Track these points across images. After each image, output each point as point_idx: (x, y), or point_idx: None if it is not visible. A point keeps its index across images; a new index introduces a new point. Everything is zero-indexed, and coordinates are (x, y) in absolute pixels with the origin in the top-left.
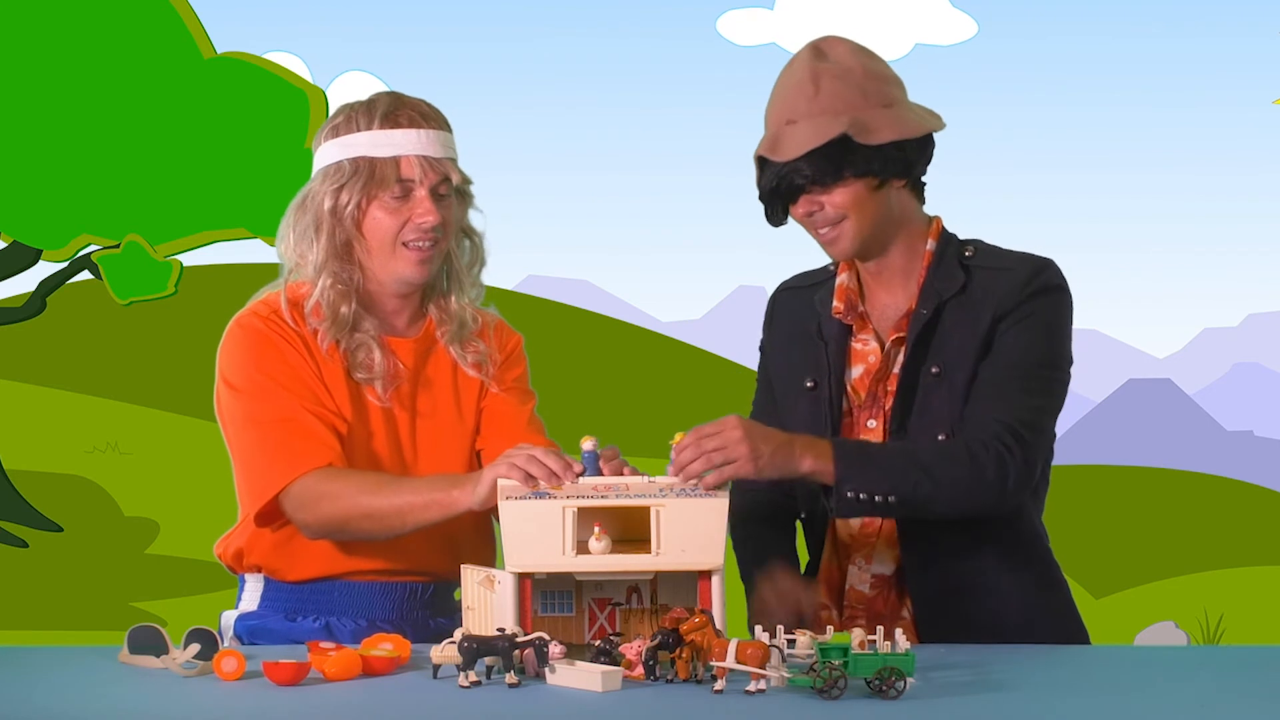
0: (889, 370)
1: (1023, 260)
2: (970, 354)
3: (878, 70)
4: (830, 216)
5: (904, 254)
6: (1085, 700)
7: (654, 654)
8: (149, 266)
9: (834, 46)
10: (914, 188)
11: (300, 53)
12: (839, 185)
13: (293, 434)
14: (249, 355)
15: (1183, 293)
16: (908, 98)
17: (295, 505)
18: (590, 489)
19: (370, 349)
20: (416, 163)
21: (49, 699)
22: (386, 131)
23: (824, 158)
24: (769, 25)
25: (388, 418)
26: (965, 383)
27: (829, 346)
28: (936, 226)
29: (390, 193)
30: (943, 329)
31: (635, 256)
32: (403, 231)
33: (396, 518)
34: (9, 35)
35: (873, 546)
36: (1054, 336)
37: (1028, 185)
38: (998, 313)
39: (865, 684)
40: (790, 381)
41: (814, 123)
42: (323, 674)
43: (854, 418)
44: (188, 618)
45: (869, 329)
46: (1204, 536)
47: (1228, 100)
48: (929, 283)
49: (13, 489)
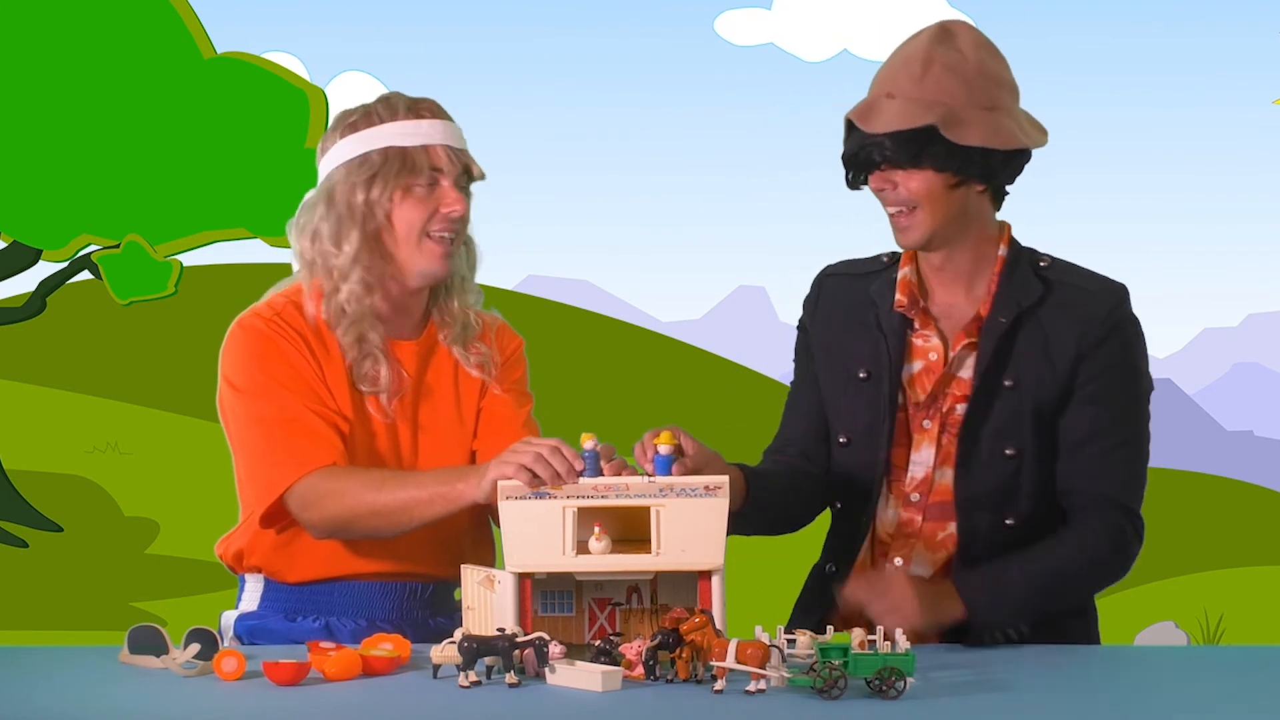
0: (953, 374)
1: (1102, 283)
2: (1046, 374)
3: (992, 70)
4: (901, 198)
5: (971, 256)
6: (1085, 700)
7: (654, 654)
8: (149, 266)
9: (960, 34)
10: (994, 195)
11: (298, 53)
12: (915, 171)
13: (296, 434)
14: (251, 355)
15: (1183, 293)
16: (1017, 105)
17: (300, 505)
18: (590, 489)
19: (377, 360)
20: (443, 153)
21: (49, 699)
22: (413, 122)
23: (907, 140)
24: (767, 25)
25: (388, 422)
26: (1035, 399)
27: (889, 340)
28: (1007, 233)
29: (420, 182)
30: (1017, 341)
31: (635, 256)
32: (430, 222)
33: (403, 513)
34: (9, 35)
35: (912, 548)
36: (1142, 381)
37: (1026, 185)
38: (1082, 346)
39: (865, 684)
40: (840, 368)
41: (909, 104)
42: (323, 674)
43: (909, 414)
44: (188, 618)
45: (931, 326)
46: (1204, 536)
47: (1228, 100)
48: (1004, 290)
49: (13, 489)
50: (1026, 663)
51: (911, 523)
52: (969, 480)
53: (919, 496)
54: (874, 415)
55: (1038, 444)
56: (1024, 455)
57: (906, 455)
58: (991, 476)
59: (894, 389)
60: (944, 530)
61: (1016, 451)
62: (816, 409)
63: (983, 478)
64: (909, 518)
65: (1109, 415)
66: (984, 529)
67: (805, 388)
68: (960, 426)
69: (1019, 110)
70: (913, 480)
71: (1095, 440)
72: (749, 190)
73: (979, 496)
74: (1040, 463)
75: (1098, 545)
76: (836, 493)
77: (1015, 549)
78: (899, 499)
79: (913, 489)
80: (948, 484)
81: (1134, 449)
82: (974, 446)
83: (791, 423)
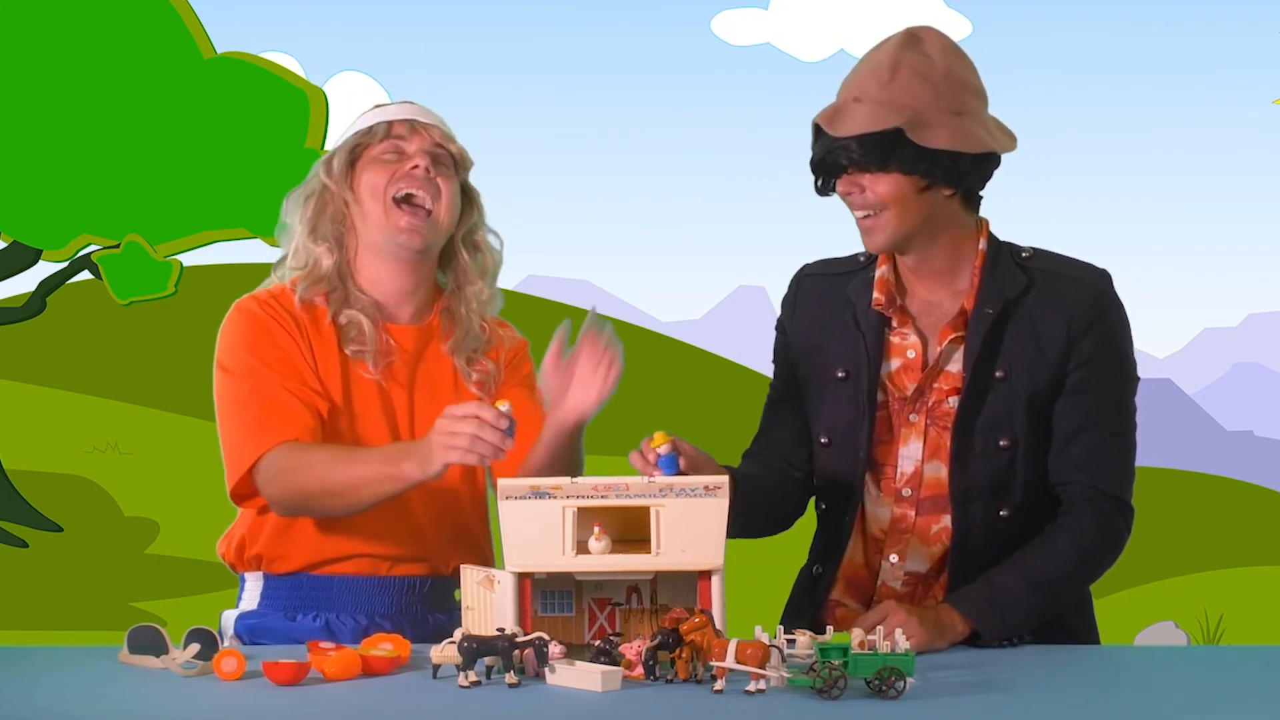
0: (940, 368)
1: (1085, 269)
2: (1037, 362)
3: (960, 75)
4: (869, 202)
5: (947, 255)
6: (1085, 700)
7: (654, 654)
8: (149, 266)
9: (928, 39)
10: (965, 199)
11: (295, 53)
12: (882, 174)
13: (265, 409)
14: (240, 337)
15: (1183, 293)
16: (985, 110)
17: (263, 480)
18: (590, 489)
19: (361, 324)
20: (406, 123)
21: (49, 699)
22: (377, 110)
23: (874, 144)
24: (763, 25)
25: (383, 397)
26: (1027, 387)
27: (867, 338)
28: (985, 229)
29: (380, 149)
30: (1006, 332)
31: (635, 256)
32: (393, 183)
33: (352, 493)
34: (9, 35)
35: (907, 544)
36: (1130, 367)
37: (1024, 185)
38: (1072, 331)
39: (865, 684)
40: (818, 369)
41: (876, 108)
42: (323, 674)
43: (890, 410)
44: (188, 618)
45: (909, 324)
46: (1204, 536)
47: (1228, 100)
48: (988, 283)
49: (13, 489)
50: (1026, 663)
51: (905, 518)
52: (963, 473)
53: (910, 491)
54: (854, 413)
55: (1031, 434)
56: (1018, 446)
57: (891, 451)
58: (986, 468)
59: (873, 387)
60: (938, 524)
61: (1010, 442)
62: (797, 412)
63: (977, 470)
64: (902, 513)
65: (1100, 406)
66: (978, 520)
67: (785, 391)
68: (954, 420)
69: (987, 115)
70: (902, 475)
71: (1087, 432)
72: (749, 190)
73: (973, 489)
74: (1034, 453)
75: (1092, 541)
76: (820, 494)
77: (1010, 539)
78: (890, 495)
79: (903, 484)
80: (938, 477)
81: (1124, 440)
82: (968, 439)
83: (771, 426)
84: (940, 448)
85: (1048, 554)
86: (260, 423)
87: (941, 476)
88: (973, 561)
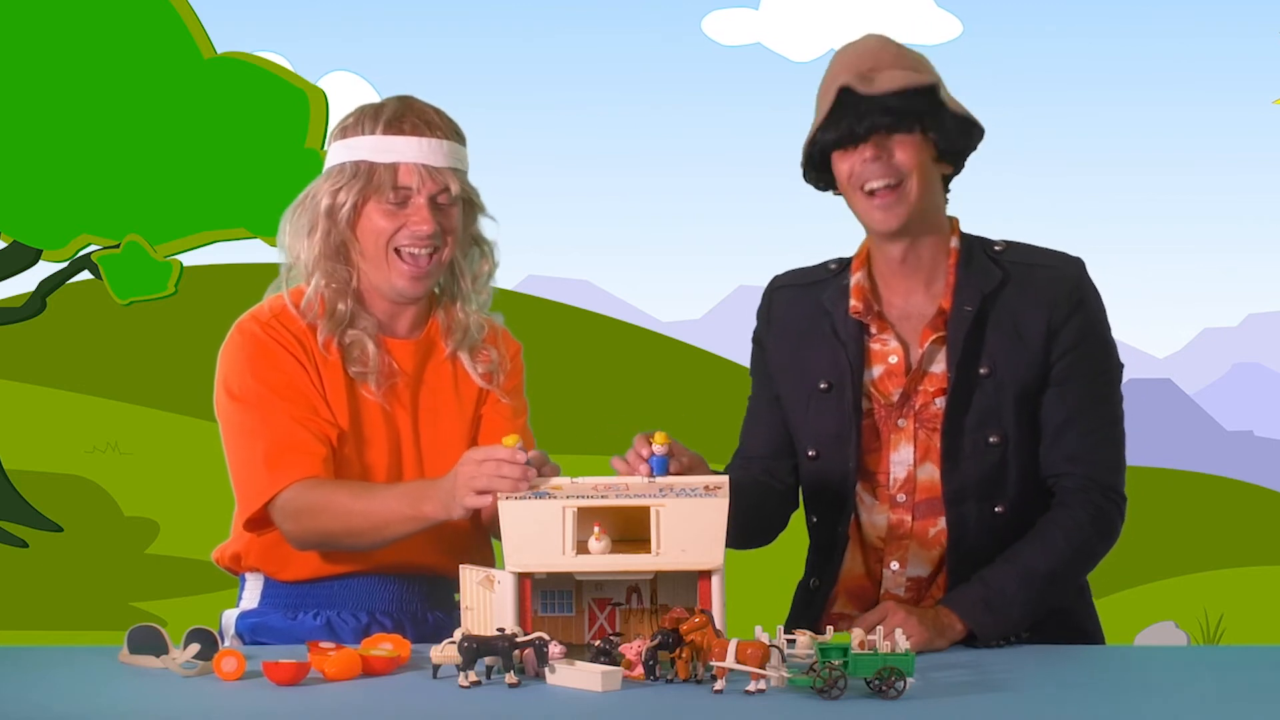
0: (924, 370)
1: (1059, 257)
2: (1021, 355)
3: None
4: (893, 169)
5: (931, 249)
6: (1085, 700)
7: (654, 654)
8: (149, 266)
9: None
10: (945, 184)
11: (286, 52)
12: (908, 137)
13: (277, 444)
14: (247, 363)
15: (1183, 293)
16: None
17: (281, 517)
18: (590, 489)
19: (365, 345)
20: (415, 170)
21: (49, 699)
22: (389, 138)
23: (914, 98)
24: (754, 25)
25: (388, 420)
26: (1014, 382)
27: (848, 347)
28: (956, 226)
29: (386, 198)
30: (987, 328)
31: (635, 256)
32: (396, 237)
33: (374, 532)
34: (9, 35)
35: (907, 549)
36: (1112, 352)
37: (1019, 186)
38: (1053, 321)
39: (865, 684)
40: (799, 382)
41: (904, 71)
42: (323, 674)
43: (876, 418)
44: (188, 618)
45: (888, 330)
46: (1204, 536)
47: (1228, 100)
48: (964, 280)
49: (13, 489)
50: (1026, 663)
51: (902, 524)
52: (956, 473)
53: (905, 497)
54: (840, 424)
55: (1020, 428)
56: (1008, 441)
57: (881, 458)
58: (978, 467)
59: (857, 396)
60: (935, 526)
61: (1000, 438)
62: (777, 424)
63: (969, 469)
64: (899, 519)
65: (1087, 394)
66: (973, 519)
67: (764, 403)
68: (942, 420)
69: None
70: (895, 481)
71: (1076, 422)
72: (749, 190)
73: (967, 488)
74: (1024, 447)
75: (1085, 533)
76: (811, 506)
77: (1007, 535)
78: (885, 502)
79: (897, 490)
80: (932, 480)
81: (1114, 428)
82: (958, 439)
83: (752, 438)
84: (931, 450)
85: (1041, 548)
86: (272, 459)
87: (935, 479)
88: (971, 561)
